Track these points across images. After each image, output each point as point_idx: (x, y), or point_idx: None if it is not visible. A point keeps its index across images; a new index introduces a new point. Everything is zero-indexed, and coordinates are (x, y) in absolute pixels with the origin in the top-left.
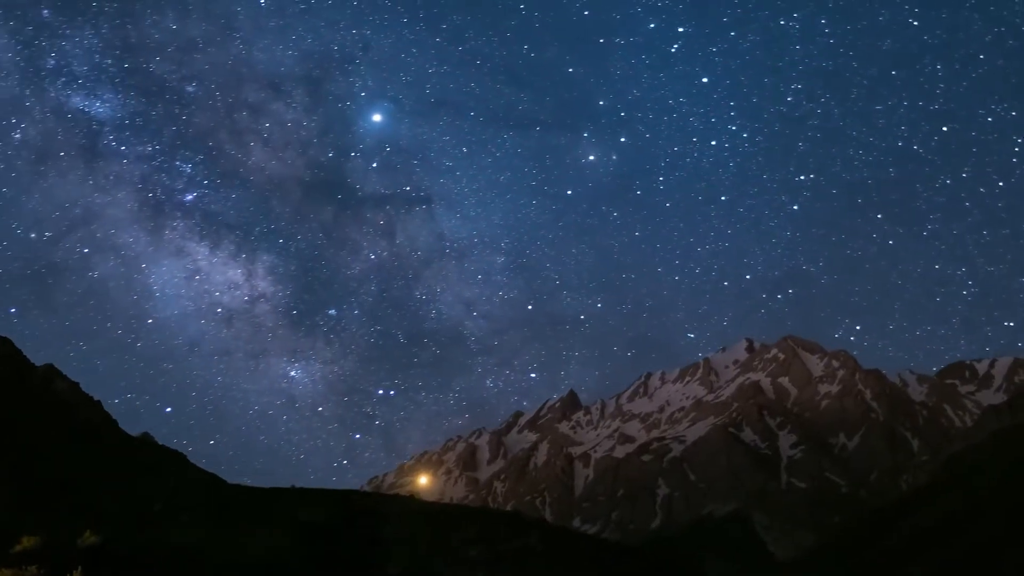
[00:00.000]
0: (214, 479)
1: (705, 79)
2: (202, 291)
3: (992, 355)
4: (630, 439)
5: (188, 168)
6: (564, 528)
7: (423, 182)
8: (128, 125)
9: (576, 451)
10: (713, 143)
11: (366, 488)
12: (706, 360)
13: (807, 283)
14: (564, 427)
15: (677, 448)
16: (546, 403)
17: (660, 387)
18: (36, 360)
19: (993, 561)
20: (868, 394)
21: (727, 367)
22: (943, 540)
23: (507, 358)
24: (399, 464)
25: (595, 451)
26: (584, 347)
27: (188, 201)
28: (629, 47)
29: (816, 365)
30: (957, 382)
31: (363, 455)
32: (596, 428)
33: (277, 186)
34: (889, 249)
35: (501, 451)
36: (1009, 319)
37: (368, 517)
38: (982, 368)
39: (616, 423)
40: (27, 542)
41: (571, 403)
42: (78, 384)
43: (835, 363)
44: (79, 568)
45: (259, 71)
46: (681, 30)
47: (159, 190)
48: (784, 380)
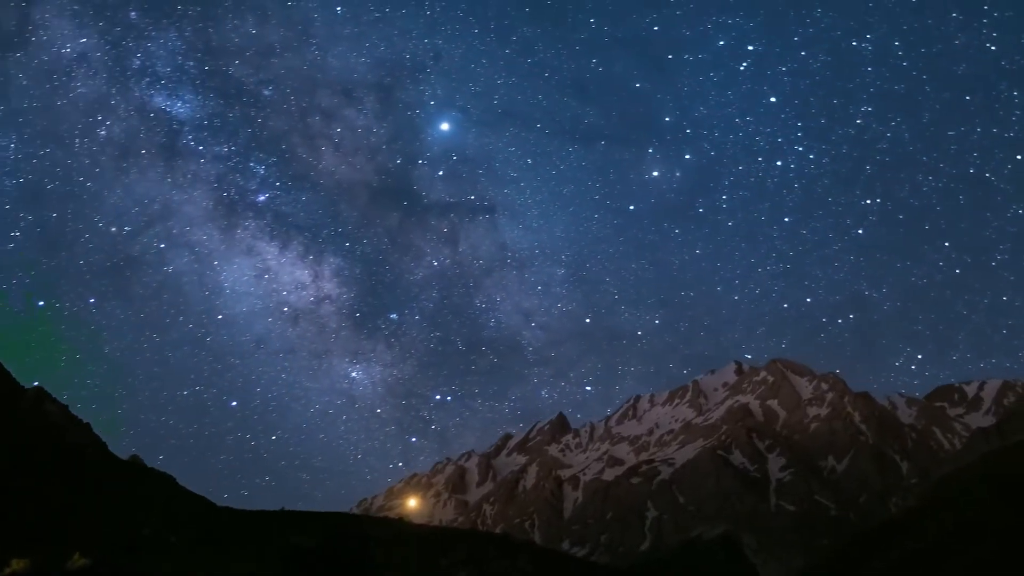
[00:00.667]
0: (204, 502)
1: (773, 98)
2: (270, 290)
3: None
4: (619, 462)
5: (261, 169)
6: (553, 550)
7: (487, 192)
8: (206, 126)
9: (565, 474)
10: (779, 163)
11: (355, 511)
12: (695, 382)
13: (869, 309)
14: (553, 450)
15: (666, 471)
16: (535, 425)
17: (649, 410)
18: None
19: None
20: (857, 417)
21: (716, 390)
22: (932, 563)
23: (563, 370)
24: (388, 487)
25: (584, 474)
26: (640, 363)
27: (260, 202)
28: (697, 64)
29: (805, 388)
30: (946, 405)
31: (418, 458)
32: (585, 451)
33: (346, 190)
34: (955, 278)
35: (490, 474)
36: None
37: (358, 540)
38: (971, 391)
39: (605, 446)
40: (16, 564)
41: (560, 426)
42: (67, 407)
43: (824, 386)
44: None
45: (332, 77)
46: (751, 48)
47: (233, 190)
48: (773, 403)
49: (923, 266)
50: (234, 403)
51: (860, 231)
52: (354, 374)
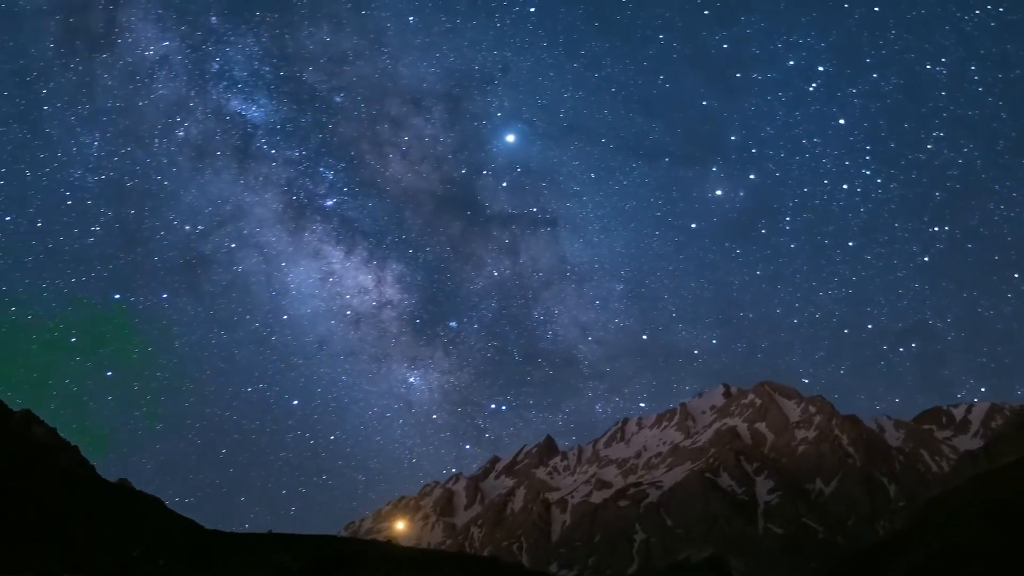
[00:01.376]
0: (191, 524)
1: (842, 120)
2: (334, 293)
3: None
4: (607, 485)
5: (330, 175)
6: (542, 573)
7: (550, 205)
8: (279, 130)
9: (553, 496)
10: (845, 187)
11: (343, 533)
12: (683, 405)
13: (932, 338)
14: (541, 473)
15: (654, 493)
16: (522, 449)
17: (637, 432)
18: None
19: None
20: (845, 439)
21: (704, 412)
22: None
23: (618, 385)
24: (376, 510)
25: (572, 496)
26: (695, 381)
27: (328, 206)
28: (766, 83)
29: (793, 410)
30: (934, 427)
31: (471, 465)
32: (573, 474)
33: (411, 198)
34: None
35: (478, 497)
36: None
37: (345, 563)
38: (959, 413)
39: (593, 469)
40: None
41: (548, 449)
42: (55, 429)
43: (812, 408)
44: None
45: (402, 86)
46: (821, 69)
47: (302, 194)
48: (761, 425)
49: (990, 297)
50: (295, 402)
51: (926, 258)
52: (412, 379)
